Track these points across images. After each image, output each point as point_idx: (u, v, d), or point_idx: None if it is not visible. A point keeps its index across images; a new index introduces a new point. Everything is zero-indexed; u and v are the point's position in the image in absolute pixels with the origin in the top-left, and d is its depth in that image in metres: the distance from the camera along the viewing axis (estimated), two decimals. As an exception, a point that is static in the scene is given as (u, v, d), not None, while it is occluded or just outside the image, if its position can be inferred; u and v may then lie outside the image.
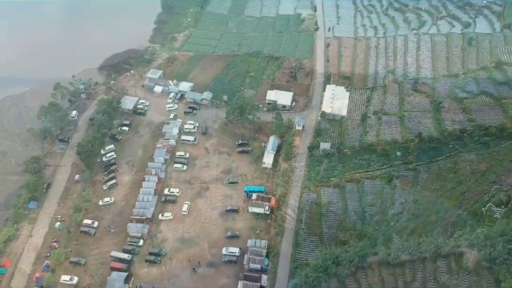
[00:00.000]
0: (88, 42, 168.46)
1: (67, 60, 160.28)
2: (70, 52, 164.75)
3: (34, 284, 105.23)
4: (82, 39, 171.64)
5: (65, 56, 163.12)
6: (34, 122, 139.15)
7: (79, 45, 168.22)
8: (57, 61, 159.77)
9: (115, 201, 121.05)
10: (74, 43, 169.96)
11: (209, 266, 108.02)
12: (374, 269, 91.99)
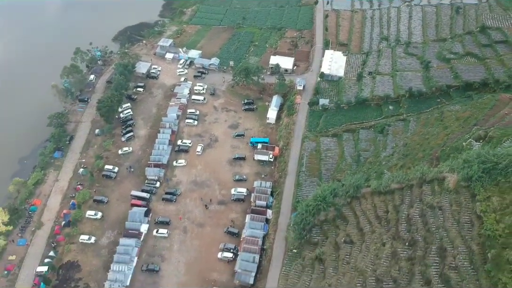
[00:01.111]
0: (102, 17, 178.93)
1: (84, 32, 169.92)
2: (87, 26, 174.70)
3: (62, 220, 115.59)
4: (97, 15, 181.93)
5: (82, 29, 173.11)
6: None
7: (95, 20, 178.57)
8: (76, 33, 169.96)
9: (133, 151, 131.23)
10: (90, 18, 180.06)
11: (219, 204, 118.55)
12: (367, 198, 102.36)
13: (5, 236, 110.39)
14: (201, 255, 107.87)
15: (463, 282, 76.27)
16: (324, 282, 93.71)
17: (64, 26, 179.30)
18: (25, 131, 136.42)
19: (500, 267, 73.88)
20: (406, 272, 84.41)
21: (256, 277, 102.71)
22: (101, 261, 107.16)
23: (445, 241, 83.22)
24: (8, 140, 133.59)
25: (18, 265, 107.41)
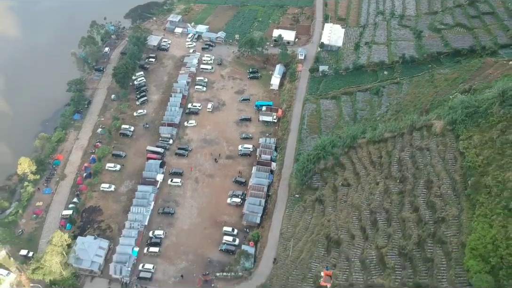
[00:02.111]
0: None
1: (99, 8, 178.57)
2: (101, 3, 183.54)
3: (83, 172, 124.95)
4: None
5: (97, 5, 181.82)
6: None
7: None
8: (92, 9, 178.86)
9: (147, 113, 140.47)
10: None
11: (227, 158, 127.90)
12: (363, 147, 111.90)
13: (33, 184, 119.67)
14: (212, 201, 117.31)
15: (446, 206, 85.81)
16: (324, 219, 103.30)
17: (81, 1, 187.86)
18: (46, 96, 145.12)
19: (478, 190, 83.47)
20: (397, 204, 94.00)
21: (262, 218, 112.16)
22: (121, 206, 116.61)
23: (432, 175, 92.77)
24: (31, 104, 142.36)
25: (45, 210, 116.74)
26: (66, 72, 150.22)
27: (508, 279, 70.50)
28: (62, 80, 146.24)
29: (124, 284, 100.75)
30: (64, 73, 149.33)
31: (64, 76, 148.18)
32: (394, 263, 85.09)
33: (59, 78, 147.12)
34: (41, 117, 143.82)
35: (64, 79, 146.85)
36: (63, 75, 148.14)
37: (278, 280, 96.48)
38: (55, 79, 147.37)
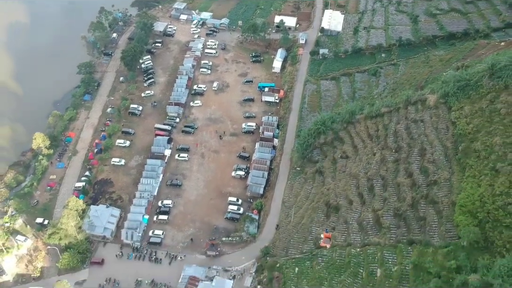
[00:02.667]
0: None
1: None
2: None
3: (94, 148, 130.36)
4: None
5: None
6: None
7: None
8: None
9: (154, 94, 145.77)
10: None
11: (232, 136, 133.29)
12: (361, 122, 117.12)
13: (47, 158, 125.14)
14: (217, 174, 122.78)
15: (438, 171, 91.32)
16: (323, 188, 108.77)
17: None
18: (58, 79, 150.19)
19: (468, 155, 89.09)
20: (392, 171, 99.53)
21: (265, 189, 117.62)
22: (131, 179, 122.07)
23: (425, 143, 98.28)
24: (43, 86, 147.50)
25: (58, 182, 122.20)
26: (76, 56, 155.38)
27: (494, 231, 76.15)
28: (72, 64, 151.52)
29: (135, 248, 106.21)
30: (74, 57, 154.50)
31: (74, 60, 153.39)
32: (389, 223, 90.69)
33: (70, 61, 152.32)
34: (52, 98, 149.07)
35: (74, 62, 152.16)
36: (73, 59, 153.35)
37: (281, 243, 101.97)
38: (66, 63, 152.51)
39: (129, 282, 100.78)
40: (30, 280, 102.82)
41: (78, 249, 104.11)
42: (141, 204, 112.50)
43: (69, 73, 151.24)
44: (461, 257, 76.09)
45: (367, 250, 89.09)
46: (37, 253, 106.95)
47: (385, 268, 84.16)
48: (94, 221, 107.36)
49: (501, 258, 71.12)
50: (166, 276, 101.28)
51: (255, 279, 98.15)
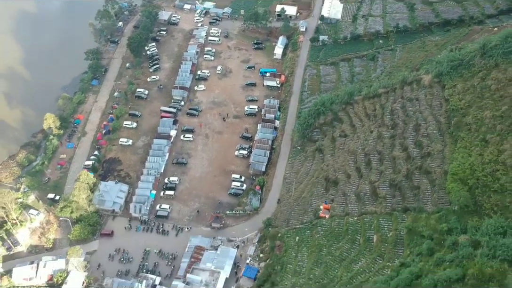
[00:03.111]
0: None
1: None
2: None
3: (102, 129, 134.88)
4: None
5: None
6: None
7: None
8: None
9: (159, 79, 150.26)
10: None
11: (235, 118, 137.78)
12: (359, 102, 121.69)
13: (57, 138, 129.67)
14: (221, 153, 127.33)
15: (432, 144, 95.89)
16: (323, 165, 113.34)
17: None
18: (66, 65, 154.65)
19: (460, 128, 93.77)
20: (388, 146, 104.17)
21: (267, 167, 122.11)
22: (138, 158, 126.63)
23: (420, 119, 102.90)
24: (51, 72, 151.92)
25: (68, 161, 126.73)
26: (83, 43, 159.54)
27: (483, 195, 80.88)
28: (80, 50, 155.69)
29: (143, 221, 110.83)
30: (81, 44, 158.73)
31: (82, 46, 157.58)
32: (385, 193, 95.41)
33: (77, 48, 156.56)
34: (61, 83, 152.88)
35: (81, 49, 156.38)
36: (81, 46, 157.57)
37: (282, 215, 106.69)
38: (74, 50, 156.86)
39: (138, 252, 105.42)
40: (43, 251, 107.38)
41: (88, 221, 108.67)
42: (148, 181, 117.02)
43: (77, 60, 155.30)
44: (452, 220, 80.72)
45: (364, 218, 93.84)
46: (49, 226, 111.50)
47: (381, 234, 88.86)
48: (103, 196, 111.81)
49: (489, 219, 75.58)
50: (173, 247, 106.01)
51: (257, 248, 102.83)
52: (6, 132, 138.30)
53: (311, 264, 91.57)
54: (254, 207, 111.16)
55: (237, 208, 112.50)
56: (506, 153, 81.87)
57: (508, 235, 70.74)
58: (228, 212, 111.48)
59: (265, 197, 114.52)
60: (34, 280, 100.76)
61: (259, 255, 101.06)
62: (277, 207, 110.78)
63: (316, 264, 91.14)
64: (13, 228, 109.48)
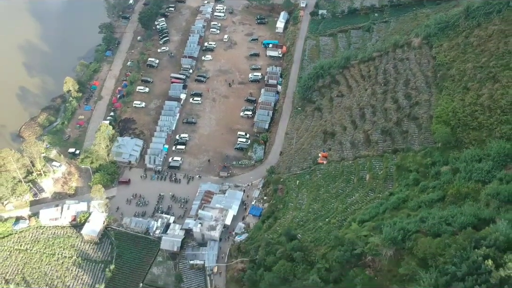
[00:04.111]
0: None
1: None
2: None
3: (117, 94, 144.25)
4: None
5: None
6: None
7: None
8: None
9: (169, 49, 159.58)
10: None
11: (240, 84, 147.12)
12: (355, 66, 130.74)
13: (76, 100, 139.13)
14: (227, 114, 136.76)
15: (419, 95, 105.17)
16: (321, 121, 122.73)
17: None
18: (81, 38, 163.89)
19: (445, 79, 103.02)
20: (381, 100, 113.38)
21: (270, 125, 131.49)
22: (151, 118, 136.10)
23: (409, 75, 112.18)
24: (68, 44, 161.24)
25: (86, 121, 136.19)
26: (97, 18, 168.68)
27: (463, 132, 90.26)
28: (94, 24, 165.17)
29: (157, 171, 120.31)
30: (95, 19, 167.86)
31: (96, 21, 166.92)
32: (377, 139, 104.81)
33: (91, 23, 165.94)
34: (77, 54, 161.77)
35: (95, 24, 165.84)
36: (95, 21, 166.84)
37: (284, 164, 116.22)
38: (88, 24, 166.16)
39: (153, 197, 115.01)
40: (66, 197, 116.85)
41: (107, 171, 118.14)
42: (161, 136, 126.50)
43: (92, 33, 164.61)
44: (435, 155, 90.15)
45: (358, 161, 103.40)
46: (71, 176, 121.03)
47: (373, 172, 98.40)
48: (121, 149, 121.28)
49: (466, 150, 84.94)
50: (185, 192, 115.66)
51: (262, 192, 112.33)
52: (28, 97, 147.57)
53: (310, 201, 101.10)
54: (258, 159, 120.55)
55: (242, 160, 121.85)
56: (484, 97, 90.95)
57: (482, 161, 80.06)
58: (235, 163, 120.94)
59: (268, 150, 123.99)
60: (59, 221, 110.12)
61: (263, 198, 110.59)
62: (279, 158, 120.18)
63: (314, 201, 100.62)
64: (38, 178, 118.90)
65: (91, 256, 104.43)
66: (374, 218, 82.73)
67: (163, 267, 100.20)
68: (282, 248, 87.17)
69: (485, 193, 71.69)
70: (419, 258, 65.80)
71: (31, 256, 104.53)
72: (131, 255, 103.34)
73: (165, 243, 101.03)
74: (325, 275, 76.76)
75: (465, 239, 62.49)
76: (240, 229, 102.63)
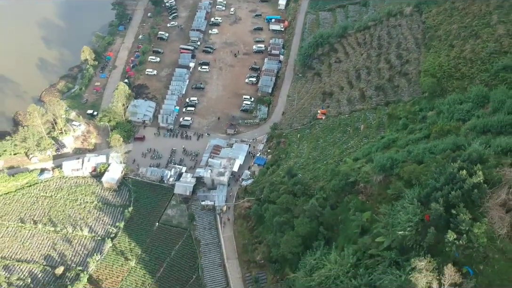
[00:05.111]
0: None
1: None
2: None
3: (130, 63, 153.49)
4: None
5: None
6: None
7: None
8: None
9: (178, 24, 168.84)
10: None
11: (244, 54, 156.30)
12: (352, 35, 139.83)
13: (93, 67, 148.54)
14: (233, 81, 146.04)
15: (410, 54, 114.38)
16: (321, 84, 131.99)
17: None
18: (95, 15, 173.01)
19: (433, 39, 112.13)
20: (375, 62, 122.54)
21: (273, 90, 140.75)
22: (162, 84, 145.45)
23: (401, 39, 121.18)
24: (82, 20, 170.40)
25: (102, 88, 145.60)
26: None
27: (447, 82, 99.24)
28: (106, 2, 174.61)
29: (169, 130, 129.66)
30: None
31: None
32: (371, 94, 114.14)
33: (104, 1, 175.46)
34: (91, 29, 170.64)
35: (108, 1, 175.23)
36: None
37: (286, 121, 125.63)
38: (101, 2, 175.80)
39: (166, 151, 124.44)
40: (86, 152, 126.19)
41: (123, 128, 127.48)
42: (172, 99, 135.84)
43: (105, 11, 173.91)
44: (423, 103, 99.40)
45: (354, 114, 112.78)
46: (90, 134, 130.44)
47: (367, 123, 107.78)
48: (136, 108, 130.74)
49: (449, 95, 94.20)
50: (195, 147, 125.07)
51: (266, 146, 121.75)
52: (47, 67, 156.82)
53: (309, 150, 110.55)
54: (262, 117, 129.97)
55: (248, 119, 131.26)
56: (466, 51, 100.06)
57: (463, 104, 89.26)
58: (240, 121, 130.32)
59: (271, 111, 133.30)
60: (80, 171, 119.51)
61: (267, 151, 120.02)
62: (282, 117, 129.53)
63: (313, 149, 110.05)
64: (59, 136, 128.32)
65: (110, 201, 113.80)
66: (367, 156, 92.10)
67: (177, 209, 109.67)
68: (284, 186, 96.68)
69: (465, 128, 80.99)
70: (405, 181, 75.09)
71: (55, 202, 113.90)
72: (147, 199, 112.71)
73: (179, 188, 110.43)
74: (322, 203, 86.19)
75: (443, 157, 72.01)
76: (246, 175, 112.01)
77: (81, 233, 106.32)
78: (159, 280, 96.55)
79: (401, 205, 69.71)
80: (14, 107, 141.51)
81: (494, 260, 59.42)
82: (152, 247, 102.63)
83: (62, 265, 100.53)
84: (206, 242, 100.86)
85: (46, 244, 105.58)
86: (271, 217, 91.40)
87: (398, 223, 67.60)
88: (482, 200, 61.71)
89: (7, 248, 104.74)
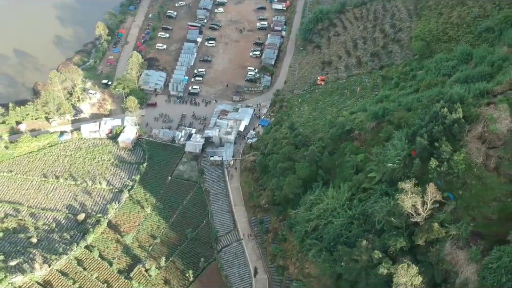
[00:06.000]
0: None
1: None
2: None
3: (141, 39, 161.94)
4: None
5: None
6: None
7: None
8: None
9: (185, 3, 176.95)
10: None
11: (249, 31, 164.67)
12: (350, 11, 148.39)
13: (106, 42, 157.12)
14: (238, 55, 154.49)
15: (402, 23, 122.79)
16: (320, 55, 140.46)
17: None
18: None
19: (424, 9, 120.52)
20: (371, 32, 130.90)
21: (275, 62, 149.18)
22: (172, 57, 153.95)
23: (395, 11, 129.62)
24: (95, 1, 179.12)
25: (115, 61, 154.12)
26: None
27: (436, 45, 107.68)
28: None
29: (179, 97, 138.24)
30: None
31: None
32: (367, 60, 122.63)
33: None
34: (104, 9, 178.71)
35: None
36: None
37: (288, 88, 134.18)
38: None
39: (177, 116, 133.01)
40: (102, 117, 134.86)
41: (137, 96, 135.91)
42: (181, 69, 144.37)
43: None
44: (413, 64, 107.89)
45: (350, 79, 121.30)
46: (105, 101, 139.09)
47: (363, 85, 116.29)
48: (149, 76, 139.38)
49: (437, 55, 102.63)
50: (204, 112, 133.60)
51: (269, 110, 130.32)
52: (62, 43, 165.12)
53: (309, 111, 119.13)
54: (266, 84, 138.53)
55: (252, 88, 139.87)
56: (454, 17, 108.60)
57: (449, 61, 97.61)
58: (245, 89, 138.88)
59: (274, 80, 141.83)
60: (97, 133, 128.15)
61: (270, 114, 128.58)
62: (284, 85, 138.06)
63: (313, 110, 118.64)
64: (77, 103, 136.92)
65: (126, 159, 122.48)
66: (362, 110, 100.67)
67: (188, 165, 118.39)
68: (287, 140, 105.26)
69: (450, 81, 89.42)
70: (395, 125, 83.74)
71: (75, 159, 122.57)
72: (160, 157, 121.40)
73: (189, 146, 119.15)
74: (321, 151, 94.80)
75: (428, 100, 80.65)
76: (251, 135, 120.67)
77: (100, 186, 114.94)
78: (173, 225, 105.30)
79: (391, 143, 78.45)
80: (33, 78, 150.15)
81: (471, 186, 68.15)
82: (166, 197, 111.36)
83: (83, 213, 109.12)
84: (215, 192, 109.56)
85: (68, 195, 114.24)
86: (275, 164, 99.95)
87: (388, 159, 76.21)
88: (462, 134, 70.15)
89: (32, 199, 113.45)
